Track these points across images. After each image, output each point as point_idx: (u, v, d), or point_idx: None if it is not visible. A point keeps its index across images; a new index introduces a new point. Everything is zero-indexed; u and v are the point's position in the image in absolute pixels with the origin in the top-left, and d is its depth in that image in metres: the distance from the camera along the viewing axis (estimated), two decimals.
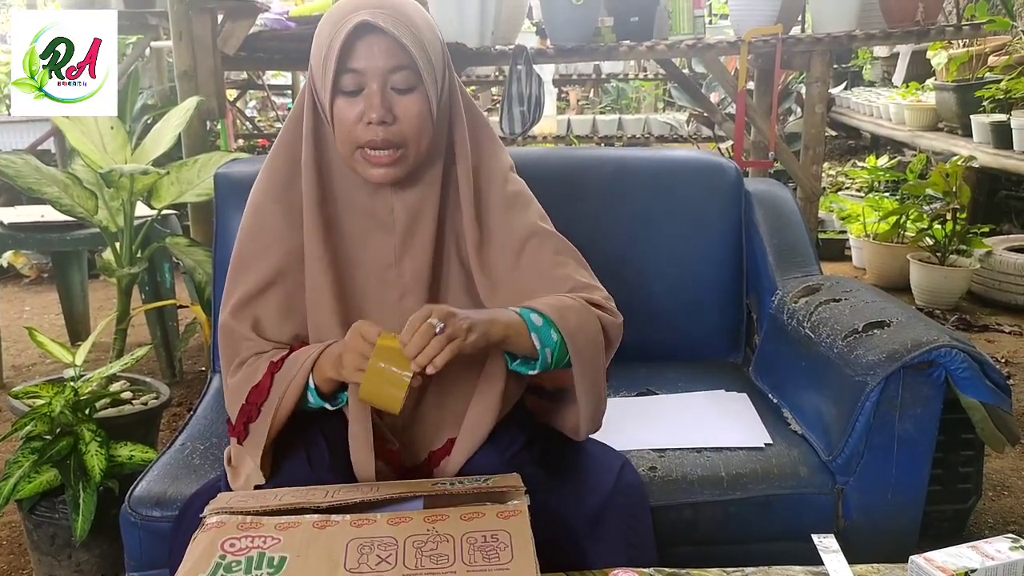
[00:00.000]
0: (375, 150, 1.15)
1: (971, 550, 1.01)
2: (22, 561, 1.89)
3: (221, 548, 0.96)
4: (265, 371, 1.17)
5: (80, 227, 2.63)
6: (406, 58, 1.13)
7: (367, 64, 1.12)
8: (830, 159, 5.99)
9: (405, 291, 1.23)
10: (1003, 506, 2.07)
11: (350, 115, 1.14)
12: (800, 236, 1.85)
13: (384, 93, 1.13)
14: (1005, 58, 4.26)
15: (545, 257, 1.24)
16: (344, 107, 1.14)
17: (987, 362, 1.39)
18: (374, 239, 1.23)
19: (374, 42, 1.12)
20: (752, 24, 3.04)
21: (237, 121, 5.54)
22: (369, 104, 1.13)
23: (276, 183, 1.24)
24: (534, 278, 1.22)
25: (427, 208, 1.22)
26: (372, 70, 1.12)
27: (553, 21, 3.09)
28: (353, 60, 1.12)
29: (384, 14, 1.11)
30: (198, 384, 2.79)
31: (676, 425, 1.55)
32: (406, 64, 1.13)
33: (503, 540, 0.98)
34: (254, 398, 1.17)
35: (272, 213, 1.23)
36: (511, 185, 1.28)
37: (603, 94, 7.53)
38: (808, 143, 3.11)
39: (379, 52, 1.12)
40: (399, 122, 1.14)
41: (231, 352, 1.22)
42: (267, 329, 1.21)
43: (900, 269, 3.74)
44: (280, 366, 1.17)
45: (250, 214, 1.25)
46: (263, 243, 1.23)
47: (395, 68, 1.13)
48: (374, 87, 1.13)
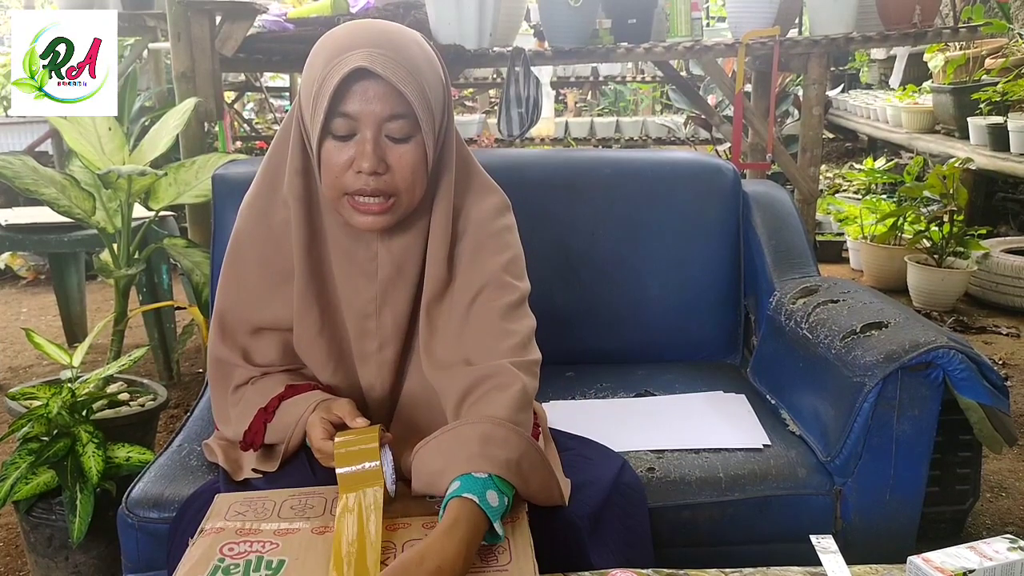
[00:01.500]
0: (364, 198, 1.07)
1: (969, 551, 1.01)
2: (19, 563, 1.89)
3: (220, 552, 0.97)
4: (255, 417, 1.17)
5: (77, 228, 2.62)
6: (404, 106, 1.04)
7: (361, 109, 1.04)
8: (827, 161, 6.00)
9: (383, 343, 1.19)
10: (1001, 507, 2.07)
11: (339, 160, 1.06)
12: (798, 238, 1.86)
13: (378, 141, 1.05)
14: (1002, 61, 4.27)
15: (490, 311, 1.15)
16: (333, 151, 1.06)
17: (985, 363, 1.39)
18: (355, 284, 1.17)
19: (370, 87, 1.03)
20: (749, 26, 3.05)
21: (235, 123, 5.54)
22: (361, 152, 1.05)
23: (259, 210, 1.19)
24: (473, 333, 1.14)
25: (411, 257, 1.16)
26: (366, 116, 1.04)
27: (551, 23, 3.10)
28: (347, 103, 1.04)
29: (383, 56, 1.03)
30: (195, 386, 2.78)
31: (674, 426, 1.55)
32: (403, 113, 1.05)
33: (501, 544, 0.98)
34: (249, 439, 1.18)
35: (256, 242, 1.19)
36: (489, 229, 1.19)
37: (601, 96, 7.55)
38: (806, 145, 3.11)
39: (375, 97, 1.03)
40: (392, 172, 1.07)
41: (222, 375, 1.23)
42: (255, 355, 1.21)
43: (897, 271, 3.75)
44: (271, 416, 1.16)
45: (232, 249, 1.21)
46: (247, 281, 1.20)
47: (391, 116, 1.05)
48: (368, 135, 1.05)
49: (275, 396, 1.17)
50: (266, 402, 1.17)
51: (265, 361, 1.21)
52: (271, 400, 1.17)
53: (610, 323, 1.82)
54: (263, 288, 1.19)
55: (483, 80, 5.84)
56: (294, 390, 1.17)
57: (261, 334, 1.21)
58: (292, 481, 1.14)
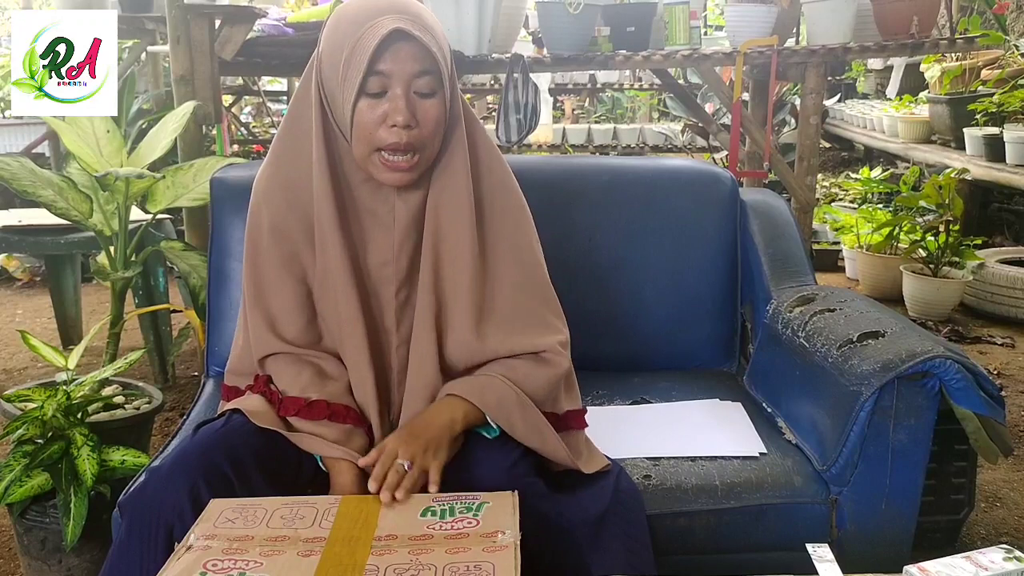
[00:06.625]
0: (394, 154, 1.17)
1: (965, 560, 1.01)
2: (12, 566, 1.88)
3: (203, 567, 0.97)
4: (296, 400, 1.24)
5: (74, 230, 2.62)
6: (431, 63, 1.15)
7: (394, 67, 1.13)
8: (824, 170, 6.02)
9: (401, 286, 1.27)
10: (996, 517, 2.07)
11: (372, 117, 1.15)
12: (795, 246, 1.86)
13: (408, 96, 1.15)
14: (998, 72, 4.29)
15: (521, 294, 1.29)
16: (366, 109, 1.15)
17: (981, 373, 1.39)
18: (374, 236, 1.26)
19: (402, 47, 1.13)
20: (748, 36, 3.06)
21: (232, 127, 5.54)
22: (395, 107, 1.14)
23: (280, 185, 1.27)
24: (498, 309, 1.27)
25: (423, 206, 1.26)
26: (399, 74, 1.14)
27: (550, 30, 3.10)
28: (380, 63, 1.13)
29: (410, 20, 1.13)
30: (191, 389, 2.78)
31: (670, 434, 1.55)
32: (431, 70, 1.15)
33: (486, 570, 0.96)
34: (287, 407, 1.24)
35: (277, 216, 1.27)
36: (511, 192, 1.31)
37: (598, 103, 7.56)
38: (803, 154, 3.12)
39: (407, 57, 1.13)
40: (420, 126, 1.16)
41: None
42: (283, 329, 1.27)
43: (893, 280, 3.75)
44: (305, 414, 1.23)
45: (254, 226, 1.29)
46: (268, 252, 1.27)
47: (421, 73, 1.15)
48: (399, 91, 1.14)
49: (321, 401, 1.23)
50: (310, 398, 1.23)
51: (290, 335, 1.26)
52: (318, 402, 1.23)
53: (606, 330, 1.82)
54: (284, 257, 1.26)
55: (481, 86, 5.84)
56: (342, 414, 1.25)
57: (285, 304, 1.27)
58: (276, 450, 1.20)
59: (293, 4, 4.06)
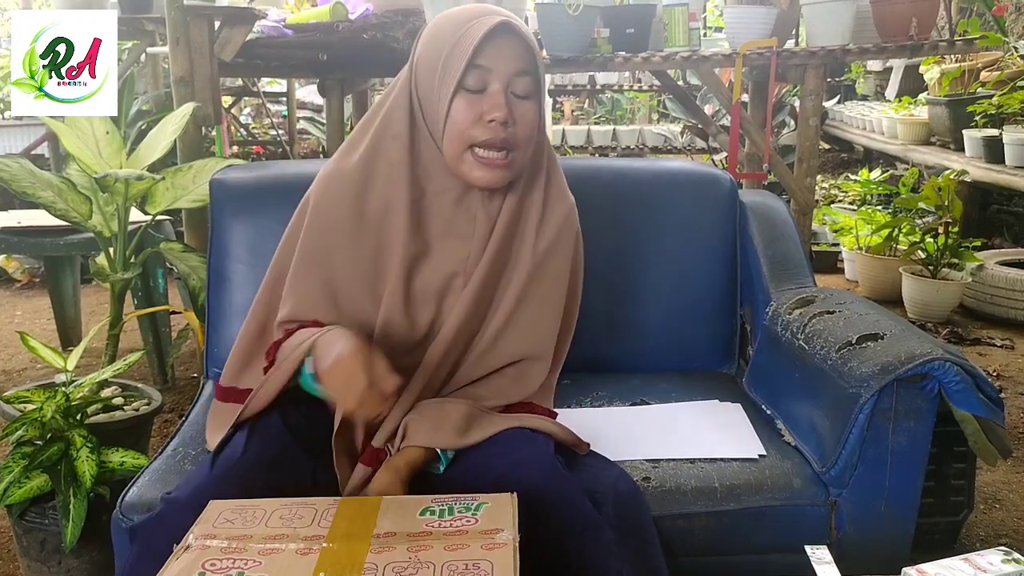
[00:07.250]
0: (488, 151, 1.15)
1: (963, 562, 1.02)
2: (11, 567, 1.88)
3: (201, 567, 0.97)
4: (270, 346, 1.23)
5: (73, 232, 2.62)
6: (532, 65, 1.15)
7: (495, 63, 1.13)
8: (823, 172, 6.02)
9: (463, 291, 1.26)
10: (995, 519, 2.07)
11: (468, 113, 1.14)
12: (794, 248, 1.86)
13: (507, 94, 1.14)
14: (997, 73, 4.29)
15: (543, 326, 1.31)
16: (463, 105, 1.14)
17: (980, 375, 1.39)
18: (449, 244, 1.24)
19: (504, 44, 1.13)
20: (747, 37, 3.06)
21: (232, 128, 5.54)
22: (493, 103, 1.13)
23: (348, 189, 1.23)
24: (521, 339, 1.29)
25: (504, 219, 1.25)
26: (499, 70, 1.13)
27: (549, 31, 3.10)
28: (482, 57, 1.12)
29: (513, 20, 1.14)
30: (190, 390, 2.77)
31: (670, 435, 1.55)
32: (530, 70, 1.15)
33: (484, 568, 0.97)
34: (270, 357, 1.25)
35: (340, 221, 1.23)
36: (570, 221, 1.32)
37: (598, 105, 7.57)
38: (802, 156, 3.12)
39: (508, 54, 1.13)
40: (516, 126, 1.15)
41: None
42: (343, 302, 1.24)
43: (892, 282, 3.76)
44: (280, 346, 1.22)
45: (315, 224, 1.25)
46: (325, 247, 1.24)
47: (520, 72, 1.14)
48: (497, 87, 1.13)
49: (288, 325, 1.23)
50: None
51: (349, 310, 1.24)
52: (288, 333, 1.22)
53: (606, 332, 1.82)
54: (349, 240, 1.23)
55: None
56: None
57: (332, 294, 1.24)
58: (269, 438, 1.17)
59: (293, 5, 4.05)
